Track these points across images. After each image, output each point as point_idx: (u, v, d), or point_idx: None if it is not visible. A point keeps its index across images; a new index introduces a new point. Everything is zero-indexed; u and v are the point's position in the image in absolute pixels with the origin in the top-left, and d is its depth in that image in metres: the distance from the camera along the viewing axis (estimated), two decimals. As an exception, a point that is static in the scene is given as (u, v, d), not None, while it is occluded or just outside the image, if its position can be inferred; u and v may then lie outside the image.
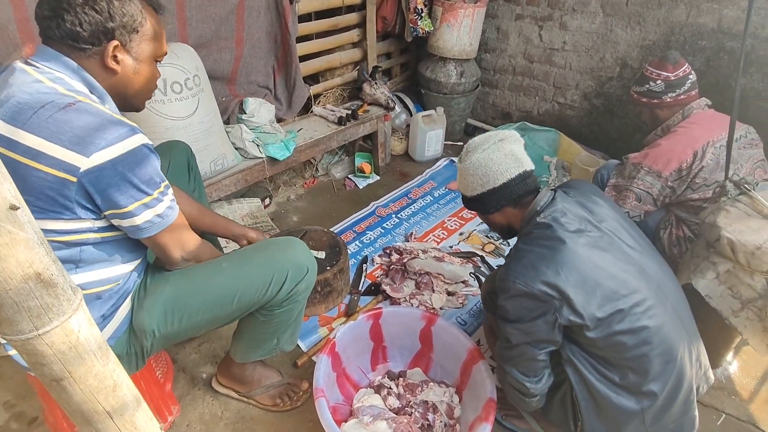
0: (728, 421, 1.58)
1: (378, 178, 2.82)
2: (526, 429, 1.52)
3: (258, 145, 2.19)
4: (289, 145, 2.25)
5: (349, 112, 2.57)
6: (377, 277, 2.07)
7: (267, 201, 2.53)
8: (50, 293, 0.46)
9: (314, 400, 1.30)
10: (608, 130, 2.81)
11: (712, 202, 1.65)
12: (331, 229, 2.07)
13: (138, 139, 0.94)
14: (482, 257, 2.19)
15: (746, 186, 1.46)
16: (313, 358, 1.72)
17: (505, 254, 2.24)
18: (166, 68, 1.75)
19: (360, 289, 2.01)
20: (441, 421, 1.47)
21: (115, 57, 1.01)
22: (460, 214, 2.51)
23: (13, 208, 0.41)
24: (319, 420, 1.27)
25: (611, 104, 2.75)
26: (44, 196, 0.90)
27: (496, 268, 1.79)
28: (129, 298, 1.12)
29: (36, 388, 1.29)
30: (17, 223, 0.41)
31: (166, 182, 1.03)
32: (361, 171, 2.79)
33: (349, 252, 2.05)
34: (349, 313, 1.89)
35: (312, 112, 2.65)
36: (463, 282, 2.01)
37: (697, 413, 1.25)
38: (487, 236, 2.34)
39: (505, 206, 1.29)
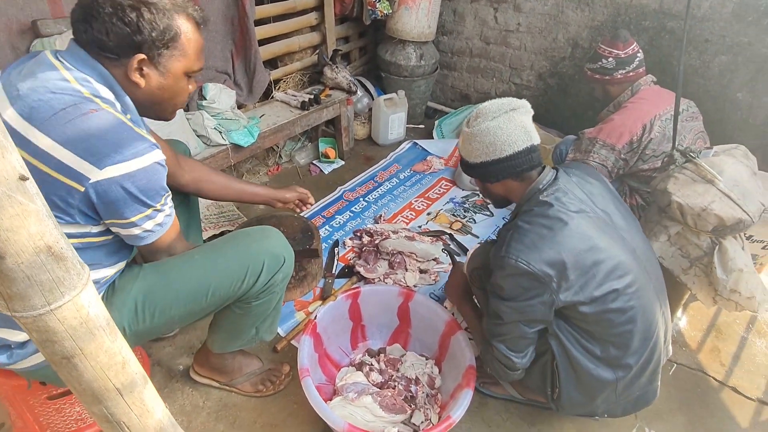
0: (680, 369, 1.74)
1: (343, 162, 2.82)
2: (502, 394, 1.60)
3: (221, 132, 2.14)
4: (253, 132, 2.21)
5: (312, 96, 2.55)
6: (350, 259, 2.10)
7: (231, 190, 2.47)
8: (61, 267, 0.45)
9: (300, 380, 1.31)
10: (562, 109, 2.95)
11: (661, 171, 1.78)
12: (300, 215, 2.06)
13: (153, 157, 0.94)
14: (451, 235, 2.26)
15: (692, 154, 1.59)
16: (292, 342, 1.73)
17: (474, 230, 2.32)
18: None
19: (334, 272, 2.03)
20: (423, 392, 1.52)
21: (141, 70, 0.99)
22: (426, 195, 2.56)
23: (23, 178, 0.40)
24: (303, 401, 1.28)
25: (564, 83, 2.88)
26: (47, 199, 0.86)
27: (479, 244, 1.78)
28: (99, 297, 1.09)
29: (1, 394, 1.23)
30: (27, 195, 0.41)
31: (169, 193, 1.03)
32: (326, 156, 2.79)
33: (320, 236, 2.05)
34: (325, 296, 1.90)
35: (273, 97, 2.61)
36: (435, 259, 2.07)
37: (659, 383, 1.36)
38: (453, 215, 2.41)
39: (507, 178, 1.26)
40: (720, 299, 1.54)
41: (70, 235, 0.93)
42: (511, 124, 1.21)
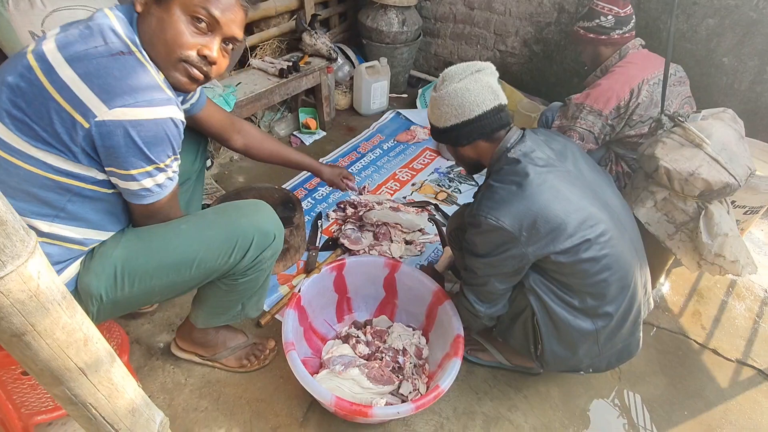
0: (661, 333, 1.77)
1: (324, 133, 2.74)
2: (490, 361, 1.60)
3: (194, 101, 2.03)
4: (229, 100, 2.11)
5: (290, 63, 2.44)
6: (333, 231, 2.05)
7: (209, 162, 2.39)
8: (0, 232, 0.39)
9: (285, 353, 1.28)
10: (547, 76, 2.89)
11: (647, 137, 1.76)
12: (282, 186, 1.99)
13: (168, 111, 0.92)
14: (436, 205, 2.23)
15: (680, 118, 1.56)
16: (277, 316, 1.69)
17: (459, 201, 2.29)
18: (79, 12, 1.55)
19: (317, 245, 1.99)
20: (411, 363, 1.51)
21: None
22: (411, 165, 2.51)
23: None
24: (289, 375, 1.27)
25: (550, 50, 2.82)
26: (52, 130, 0.87)
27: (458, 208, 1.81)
28: (79, 261, 1.03)
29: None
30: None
31: (177, 157, 1.00)
32: (307, 127, 2.70)
33: (303, 209, 2.00)
34: (309, 269, 1.86)
35: (249, 65, 2.49)
36: (420, 230, 2.04)
37: (641, 334, 1.37)
38: (438, 185, 2.37)
39: (478, 139, 1.27)
40: (705, 264, 1.54)
41: (72, 175, 0.92)
42: (477, 85, 1.22)
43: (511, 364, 1.58)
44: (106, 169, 0.94)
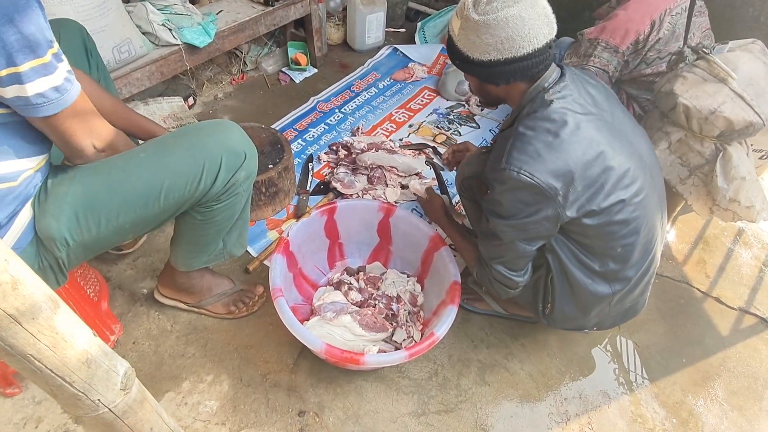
0: (663, 281, 1.73)
1: (315, 70, 2.58)
2: (486, 310, 1.56)
3: (171, 30, 1.86)
4: (209, 29, 1.94)
5: (277, -11, 2.23)
6: (325, 175, 1.96)
7: (191, 100, 2.24)
8: None
9: (273, 300, 1.24)
10: (556, 9, 2.67)
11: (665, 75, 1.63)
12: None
13: None
14: (434, 148, 2.13)
15: (704, 50, 1.43)
16: (265, 262, 1.64)
17: (482, 144, 2.17)
18: None
19: (308, 188, 1.91)
20: (405, 310, 1.48)
21: None
22: (408, 106, 2.38)
23: None
24: (279, 322, 1.22)
25: (561, -21, 2.59)
26: None
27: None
28: (29, 204, 0.94)
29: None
30: None
31: (58, 47, 0.82)
32: (296, 63, 2.53)
33: (292, 151, 1.90)
34: (299, 214, 1.79)
35: (232, -9, 2.28)
36: (417, 174, 1.96)
37: (648, 294, 1.33)
38: (437, 127, 2.25)
39: (518, 80, 1.08)
40: (717, 209, 1.48)
41: None
42: (533, 12, 0.98)
43: (507, 313, 1.54)
44: None
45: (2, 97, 0.79)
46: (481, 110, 2.33)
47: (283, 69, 2.55)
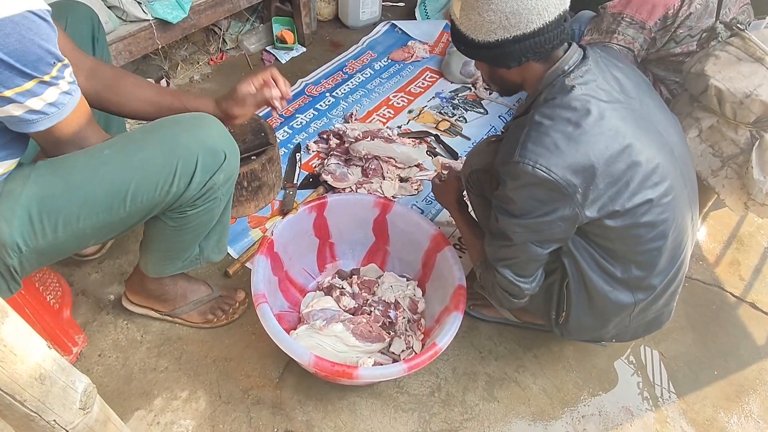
0: (695, 285, 1.75)
1: (304, 49, 2.58)
2: (495, 317, 1.57)
3: (140, 3, 1.86)
4: (183, 3, 1.94)
5: (260, -42, 2.23)
6: (315, 166, 1.97)
7: (163, 83, 2.24)
8: None
9: (255, 307, 1.24)
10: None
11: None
12: (251, 112, 1.87)
13: (23, 3, 0.78)
14: (437, 136, 2.14)
15: (739, 26, 1.44)
16: (247, 264, 1.65)
17: (464, 131, 2.17)
18: None
19: (295, 182, 1.92)
20: (404, 317, 1.49)
21: None
22: (407, 89, 2.39)
23: None
24: (263, 332, 1.23)
25: (579, -53, 2.59)
26: None
27: (474, 144, 1.59)
28: None
29: None
30: None
31: (64, 61, 0.88)
32: (282, 41, 2.52)
33: (278, 140, 1.90)
34: (285, 210, 1.80)
35: (209, -41, 2.27)
36: (418, 165, 1.97)
37: (675, 303, 1.33)
38: (440, 113, 2.26)
39: (531, 60, 1.06)
40: (753, 205, 1.49)
41: None
42: None
43: (519, 321, 1.54)
44: None
45: None
46: (489, 93, 2.33)
47: (267, 48, 2.56)
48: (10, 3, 0.77)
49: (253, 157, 1.69)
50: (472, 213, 1.47)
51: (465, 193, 1.46)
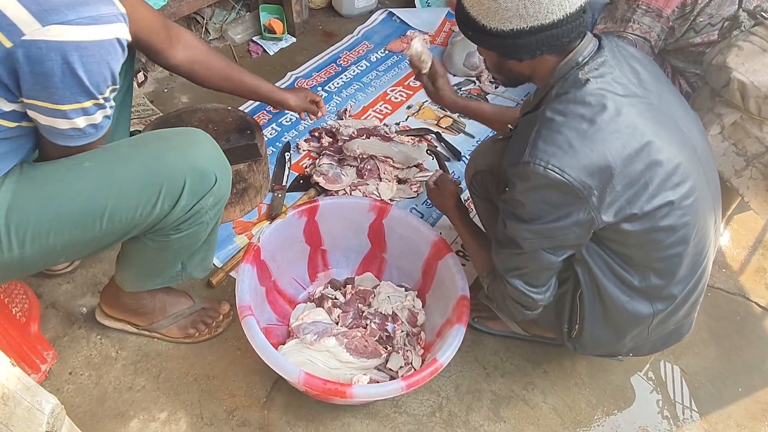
0: (717, 294, 1.76)
1: (294, 40, 2.59)
2: (501, 330, 1.57)
3: (116, -10, 1.86)
4: (163, -10, 1.94)
5: (246, -58, 2.23)
6: (305, 167, 1.98)
7: (140, 76, 2.24)
8: None
9: (240, 320, 1.24)
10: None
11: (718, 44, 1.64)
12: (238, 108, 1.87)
13: (115, 30, 0.88)
14: (438, 134, 2.14)
15: (763, 14, 1.45)
16: (232, 273, 1.65)
17: (468, 129, 2.17)
18: None
19: (284, 184, 1.92)
20: (402, 331, 1.49)
21: None
22: (406, 83, 2.40)
23: None
24: (248, 347, 1.24)
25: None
26: None
27: (479, 142, 1.61)
28: None
29: None
30: None
31: (117, 84, 0.96)
32: (270, 30, 2.53)
33: (265, 138, 1.93)
34: (273, 214, 1.81)
35: (191, -57, 2.27)
36: (417, 165, 1.98)
37: (696, 314, 1.33)
38: (442, 108, 2.26)
39: (546, 53, 1.06)
40: (779, 207, 1.48)
41: None
42: None
43: (528, 334, 1.54)
44: (26, 100, 0.88)
45: (36, 120, 0.91)
46: (495, 88, 2.34)
47: (255, 38, 2.56)
48: (105, 30, 0.86)
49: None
50: (475, 218, 1.47)
51: (468, 196, 1.47)
